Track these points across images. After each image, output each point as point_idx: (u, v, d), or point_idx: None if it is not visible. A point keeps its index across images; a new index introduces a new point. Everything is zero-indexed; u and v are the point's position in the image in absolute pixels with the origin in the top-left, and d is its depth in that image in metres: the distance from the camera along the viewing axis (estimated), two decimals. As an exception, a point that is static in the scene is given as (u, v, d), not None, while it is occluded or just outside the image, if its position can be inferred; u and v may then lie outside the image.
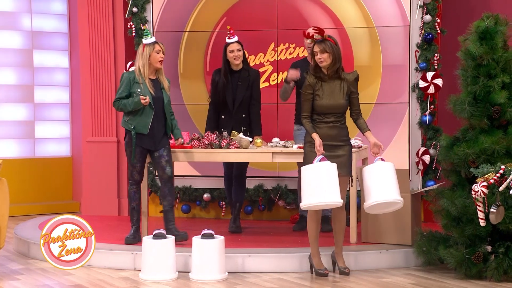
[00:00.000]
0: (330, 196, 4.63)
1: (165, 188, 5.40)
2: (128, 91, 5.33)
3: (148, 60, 5.33)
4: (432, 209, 5.24)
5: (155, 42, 5.36)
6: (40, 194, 7.79)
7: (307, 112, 4.86)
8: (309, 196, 4.66)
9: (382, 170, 4.77)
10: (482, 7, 5.96)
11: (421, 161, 6.20)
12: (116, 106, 5.38)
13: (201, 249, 4.86)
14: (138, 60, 5.37)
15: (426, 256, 5.05)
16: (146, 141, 5.35)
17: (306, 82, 4.85)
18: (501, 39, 4.93)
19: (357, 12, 6.40)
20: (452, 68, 5.26)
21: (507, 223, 4.67)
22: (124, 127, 5.42)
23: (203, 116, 6.11)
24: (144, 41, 5.37)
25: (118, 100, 5.35)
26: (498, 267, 4.71)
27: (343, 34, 6.42)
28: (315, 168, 4.66)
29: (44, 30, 7.87)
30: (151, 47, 5.34)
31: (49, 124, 7.92)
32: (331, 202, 4.65)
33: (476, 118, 4.94)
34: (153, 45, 5.34)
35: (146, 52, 5.33)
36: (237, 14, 6.64)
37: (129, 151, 5.39)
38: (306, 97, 4.84)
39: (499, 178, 4.54)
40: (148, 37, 5.36)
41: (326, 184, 4.62)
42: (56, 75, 7.95)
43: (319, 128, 4.83)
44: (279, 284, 4.75)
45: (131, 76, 5.35)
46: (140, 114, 5.32)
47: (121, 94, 5.34)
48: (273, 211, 6.66)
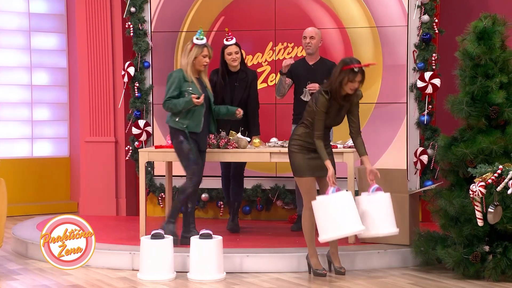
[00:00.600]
0: (358, 225, 4.66)
1: (188, 189, 5.33)
2: (179, 90, 5.23)
3: (193, 61, 5.25)
4: (430, 209, 5.25)
5: (205, 46, 5.24)
6: (38, 194, 7.78)
7: (321, 131, 4.77)
8: (334, 229, 4.62)
9: (382, 201, 4.79)
10: (480, 7, 5.96)
11: (419, 161, 6.20)
12: (166, 106, 5.24)
13: (199, 249, 4.86)
14: (183, 57, 5.27)
15: (424, 256, 5.05)
16: (196, 140, 5.28)
17: (323, 100, 4.72)
18: (499, 39, 4.94)
19: (357, 12, 6.39)
20: (450, 68, 5.26)
21: (505, 223, 4.67)
22: (174, 127, 5.27)
23: None
24: (195, 41, 5.25)
25: (169, 100, 5.21)
26: (496, 267, 4.72)
27: (342, 34, 6.41)
28: (334, 199, 4.64)
29: (42, 30, 7.86)
30: (200, 49, 5.23)
31: (47, 124, 7.92)
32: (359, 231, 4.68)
33: (474, 118, 4.94)
34: (202, 48, 5.23)
35: (193, 53, 5.23)
36: (234, 13, 6.63)
37: (186, 150, 5.25)
38: (321, 116, 4.74)
39: (497, 178, 4.55)
40: (200, 38, 5.23)
41: (351, 213, 4.63)
42: (54, 75, 7.94)
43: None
44: (277, 284, 4.75)
45: (180, 75, 5.25)
46: (192, 113, 5.23)
47: (173, 94, 5.21)
48: (271, 211, 6.66)
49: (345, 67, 4.72)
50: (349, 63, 4.73)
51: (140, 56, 6.73)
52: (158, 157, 5.69)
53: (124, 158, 6.96)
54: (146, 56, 6.76)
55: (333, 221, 4.62)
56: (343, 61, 4.78)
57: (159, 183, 6.78)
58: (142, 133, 6.73)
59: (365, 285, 4.70)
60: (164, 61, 6.77)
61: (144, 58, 6.76)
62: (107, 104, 6.99)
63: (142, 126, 6.73)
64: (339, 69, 4.74)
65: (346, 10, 6.41)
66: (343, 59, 4.83)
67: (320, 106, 4.74)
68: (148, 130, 6.75)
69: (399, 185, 5.36)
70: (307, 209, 4.85)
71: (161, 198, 6.77)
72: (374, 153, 6.14)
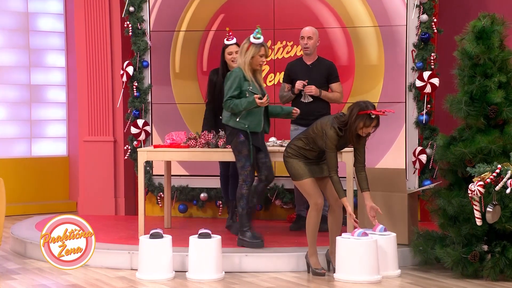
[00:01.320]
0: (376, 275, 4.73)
1: (264, 188, 5.32)
2: (239, 90, 5.15)
3: (250, 60, 5.18)
4: (429, 208, 5.25)
5: (262, 45, 5.16)
6: (36, 194, 7.78)
7: (336, 167, 4.73)
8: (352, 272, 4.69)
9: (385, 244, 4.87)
10: (478, 7, 5.96)
11: (418, 160, 6.20)
12: (227, 106, 5.14)
13: (198, 249, 4.86)
14: (240, 56, 5.21)
15: (423, 256, 5.05)
16: (256, 140, 5.23)
17: (334, 137, 4.68)
18: (497, 38, 4.94)
19: (359, 10, 6.36)
20: (448, 67, 5.27)
21: (504, 223, 4.68)
22: (235, 127, 5.19)
23: (195, 116, 6.08)
24: (252, 40, 5.17)
25: (230, 99, 5.13)
26: (495, 266, 4.72)
27: (344, 33, 6.39)
28: (360, 245, 4.68)
29: (41, 30, 7.85)
30: (257, 49, 5.16)
31: (46, 124, 7.91)
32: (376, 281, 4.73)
33: (472, 117, 4.94)
34: (259, 47, 5.16)
35: (250, 52, 5.16)
36: (233, 12, 6.60)
37: (246, 151, 5.19)
38: (334, 151, 4.70)
39: (495, 178, 4.55)
40: (257, 37, 5.15)
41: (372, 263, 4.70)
42: (53, 74, 7.94)
43: (310, 151, 4.81)
44: (276, 284, 4.75)
45: (241, 74, 5.18)
46: (253, 113, 5.17)
47: (234, 93, 5.13)
48: (270, 211, 6.66)
49: (361, 112, 4.65)
50: (365, 108, 4.65)
51: (139, 56, 6.73)
52: (157, 156, 5.68)
53: (122, 157, 6.96)
54: (145, 55, 6.76)
55: (353, 265, 4.69)
56: (359, 106, 4.68)
57: (157, 182, 6.78)
58: (141, 133, 6.73)
59: (364, 284, 4.70)
60: (163, 60, 6.77)
61: (143, 58, 6.75)
62: (105, 104, 6.99)
63: (141, 125, 6.72)
64: (355, 113, 4.65)
65: (348, 9, 6.39)
66: (358, 103, 4.71)
67: (331, 142, 4.69)
68: (147, 130, 6.74)
69: (398, 185, 5.37)
70: (314, 210, 4.84)
71: (160, 197, 6.77)
72: (376, 154, 6.14)
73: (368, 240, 4.72)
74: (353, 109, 4.70)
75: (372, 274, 4.72)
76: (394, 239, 4.94)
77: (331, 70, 5.87)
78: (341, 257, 4.75)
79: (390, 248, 4.90)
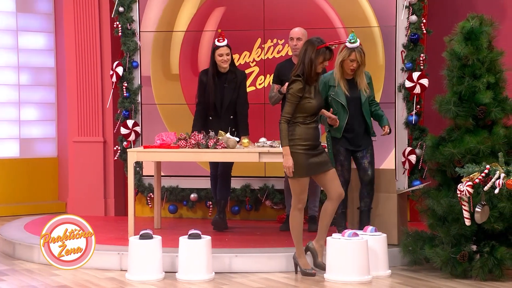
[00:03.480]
0: (366, 275, 4.73)
1: (364, 190, 5.30)
2: (325, 94, 5.18)
3: (340, 64, 5.16)
4: (418, 208, 5.27)
5: (353, 50, 5.11)
6: (26, 195, 7.74)
7: (289, 114, 4.79)
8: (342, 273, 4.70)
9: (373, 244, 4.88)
10: (467, 8, 5.99)
11: (407, 161, 6.23)
12: None
13: (188, 249, 4.85)
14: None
15: (412, 256, 5.07)
16: (347, 142, 5.24)
17: (298, 86, 4.74)
18: (486, 39, 4.96)
19: (349, 11, 6.37)
20: (437, 68, 5.29)
21: (492, 223, 4.70)
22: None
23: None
24: (347, 44, 5.14)
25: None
26: (483, 266, 4.75)
27: (337, 33, 6.40)
28: (350, 245, 4.69)
29: (30, 30, 7.82)
30: (348, 53, 5.13)
31: (35, 124, 7.88)
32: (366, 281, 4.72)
33: (461, 118, 4.97)
34: (350, 51, 5.12)
35: (341, 56, 5.17)
36: (224, 11, 6.58)
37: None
38: (295, 99, 4.75)
39: (484, 178, 4.57)
40: (352, 41, 5.11)
41: (363, 262, 4.71)
42: (42, 74, 7.91)
43: (310, 127, 4.82)
44: (266, 284, 4.75)
45: (326, 79, 5.23)
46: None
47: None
48: (260, 211, 6.66)
49: (320, 47, 4.74)
50: (321, 43, 4.76)
51: (128, 56, 6.71)
52: (147, 157, 5.67)
53: (112, 158, 6.94)
54: (135, 56, 6.74)
55: (343, 265, 4.69)
56: (313, 43, 4.75)
57: (147, 183, 6.77)
58: (131, 133, 6.71)
59: (354, 284, 4.71)
60: (153, 61, 6.75)
61: (133, 58, 6.74)
62: (95, 104, 6.96)
63: (130, 126, 6.71)
64: (313, 50, 4.72)
65: (340, 10, 6.39)
66: (311, 41, 4.79)
67: (295, 91, 4.75)
68: (136, 130, 6.73)
69: (388, 185, 5.38)
70: (296, 209, 4.85)
71: (150, 198, 6.75)
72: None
73: (359, 241, 4.73)
74: (308, 47, 4.76)
75: (362, 274, 4.73)
76: (384, 240, 4.95)
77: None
78: (332, 257, 4.76)
79: (380, 248, 4.92)
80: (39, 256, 5.35)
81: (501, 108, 4.97)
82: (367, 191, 5.29)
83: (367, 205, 5.30)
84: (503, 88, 5.05)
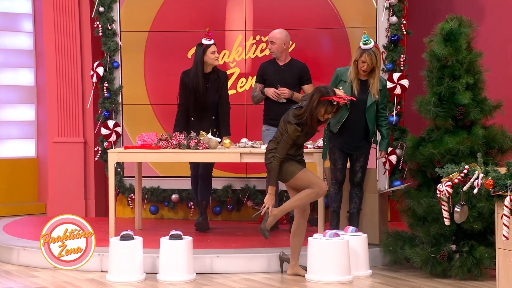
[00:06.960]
0: (347, 275, 4.76)
1: (352, 191, 5.31)
2: (334, 87, 5.11)
3: (355, 65, 5.16)
4: (399, 208, 5.30)
5: (364, 51, 5.10)
6: (5, 196, 7.66)
7: (283, 156, 4.75)
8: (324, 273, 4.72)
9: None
10: (446, 9, 6.04)
11: (388, 161, 6.25)
12: None
13: (169, 250, 4.84)
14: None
15: (393, 255, 5.10)
16: (342, 143, 5.23)
17: (295, 132, 4.69)
18: (465, 40, 5.01)
19: (328, 12, 6.39)
20: (418, 69, 5.32)
21: (471, 222, 4.75)
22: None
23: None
24: (362, 45, 5.13)
25: None
26: (463, 265, 4.79)
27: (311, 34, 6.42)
28: (332, 246, 4.71)
29: (9, 30, 7.75)
30: (359, 54, 5.13)
31: (14, 125, 7.80)
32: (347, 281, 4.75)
33: (441, 118, 5.01)
34: (361, 52, 5.13)
35: (354, 56, 5.18)
36: (204, 12, 6.55)
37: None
38: (290, 142, 4.72)
39: (463, 178, 4.59)
40: (366, 43, 5.12)
41: (344, 263, 4.73)
42: (22, 74, 7.83)
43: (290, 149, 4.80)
44: (247, 285, 4.75)
45: (339, 73, 5.24)
46: (338, 116, 5.14)
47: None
48: (241, 212, 6.66)
49: (323, 98, 4.69)
50: (326, 94, 4.70)
51: (109, 56, 6.67)
52: (128, 157, 5.65)
53: (93, 159, 6.90)
54: (115, 56, 6.71)
55: (324, 266, 4.72)
56: (320, 92, 4.71)
57: (128, 184, 6.74)
58: (112, 134, 6.67)
59: (335, 284, 4.72)
60: (134, 61, 6.72)
61: (113, 58, 6.70)
62: (75, 105, 6.92)
63: (111, 126, 6.67)
64: (316, 99, 4.68)
65: (318, 10, 6.40)
66: (319, 89, 4.74)
67: (291, 135, 4.71)
68: (117, 131, 6.69)
69: (369, 185, 5.41)
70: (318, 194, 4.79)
71: (131, 199, 6.72)
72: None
73: (340, 241, 4.75)
74: (314, 94, 4.73)
75: (343, 274, 4.75)
76: (365, 240, 4.98)
77: (303, 72, 5.90)
78: (313, 257, 4.77)
79: (361, 248, 4.94)
80: (18, 258, 5.30)
81: (480, 108, 5.01)
82: (355, 193, 5.32)
83: (356, 206, 5.32)
84: (482, 89, 5.10)
